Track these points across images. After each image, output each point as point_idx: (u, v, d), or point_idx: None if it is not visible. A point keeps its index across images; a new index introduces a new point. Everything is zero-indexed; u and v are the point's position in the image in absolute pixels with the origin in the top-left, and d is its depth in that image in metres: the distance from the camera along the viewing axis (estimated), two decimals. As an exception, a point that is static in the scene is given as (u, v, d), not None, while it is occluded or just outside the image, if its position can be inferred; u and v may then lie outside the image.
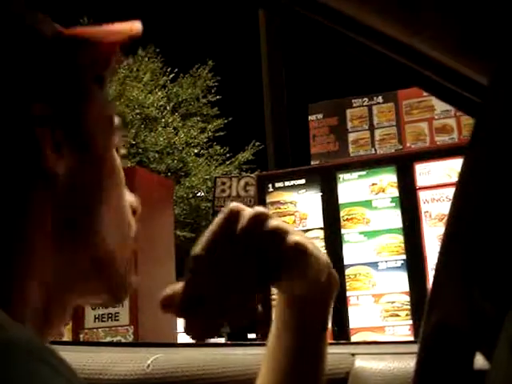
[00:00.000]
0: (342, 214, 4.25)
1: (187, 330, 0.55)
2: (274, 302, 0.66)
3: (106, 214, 0.56)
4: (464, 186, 0.47)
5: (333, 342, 3.93)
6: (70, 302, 0.56)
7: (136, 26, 0.57)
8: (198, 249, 0.55)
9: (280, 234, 0.56)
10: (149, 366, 0.97)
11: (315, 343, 0.66)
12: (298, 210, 4.41)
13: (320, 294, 0.63)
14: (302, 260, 0.57)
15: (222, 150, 16.62)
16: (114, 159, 0.58)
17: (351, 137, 5.90)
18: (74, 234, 0.54)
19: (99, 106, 0.57)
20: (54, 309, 0.54)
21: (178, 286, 0.55)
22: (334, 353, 0.94)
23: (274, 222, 0.56)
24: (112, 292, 0.59)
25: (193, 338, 0.56)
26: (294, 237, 0.57)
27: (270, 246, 0.55)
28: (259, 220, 0.55)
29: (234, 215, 0.56)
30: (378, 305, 4.09)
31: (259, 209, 0.56)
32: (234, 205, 0.57)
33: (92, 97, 0.56)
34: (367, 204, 4.23)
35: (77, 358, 0.99)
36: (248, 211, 0.56)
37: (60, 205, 0.52)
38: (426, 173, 4.08)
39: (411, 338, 3.78)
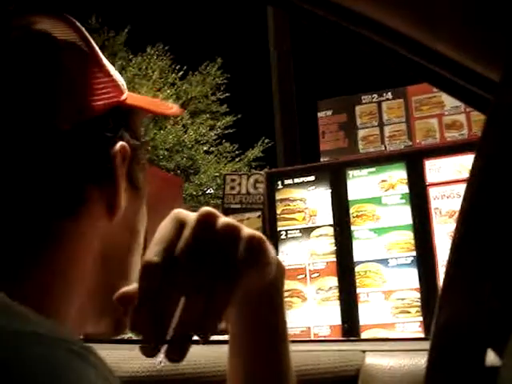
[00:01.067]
0: (351, 210, 4.25)
1: (142, 345, 0.51)
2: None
3: (135, 251, 0.61)
4: (475, 183, 0.47)
5: (343, 338, 3.93)
6: (85, 324, 0.58)
7: (177, 109, 0.66)
8: (151, 255, 0.50)
9: (233, 230, 0.54)
10: (160, 362, 0.97)
11: (274, 341, 0.65)
12: (307, 207, 4.40)
13: (270, 286, 0.62)
14: (260, 254, 0.56)
15: (231, 148, 16.63)
16: (145, 206, 0.63)
17: (360, 133, 5.88)
18: (112, 264, 0.58)
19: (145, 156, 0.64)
20: (77, 326, 0.56)
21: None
22: (345, 350, 0.94)
23: (223, 220, 0.54)
24: (119, 322, 0.61)
25: (145, 354, 0.51)
26: (248, 231, 0.55)
27: (225, 245, 0.52)
28: (208, 221, 0.53)
29: (181, 221, 0.53)
30: (388, 302, 4.08)
31: (206, 209, 0.54)
32: (178, 211, 0.54)
33: (143, 147, 0.63)
34: (377, 201, 4.22)
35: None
36: (193, 215, 0.54)
37: (110, 235, 0.56)
38: (436, 169, 4.06)
39: (421, 335, 3.77)
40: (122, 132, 0.58)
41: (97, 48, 0.59)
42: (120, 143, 0.56)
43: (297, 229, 4.39)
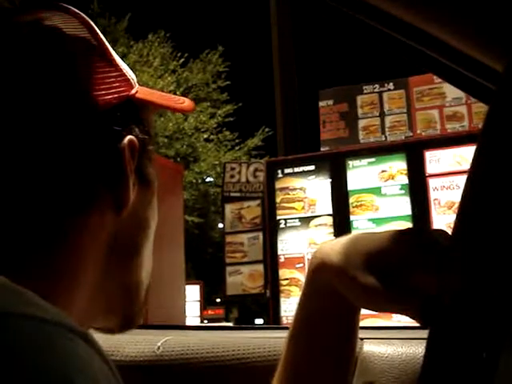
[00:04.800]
0: (351, 200, 4.25)
1: None
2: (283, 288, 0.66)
3: (145, 247, 0.61)
4: (476, 174, 0.47)
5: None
6: (93, 319, 0.58)
7: (191, 104, 0.65)
8: None
9: None
10: (159, 347, 0.98)
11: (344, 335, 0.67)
12: (307, 196, 4.41)
13: None
14: None
15: (231, 136, 16.63)
16: (156, 201, 0.63)
17: (361, 123, 5.88)
18: (121, 259, 0.58)
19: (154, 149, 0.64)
20: (83, 321, 0.55)
21: None
22: (343, 337, 0.94)
23: None
24: (128, 317, 0.61)
25: None
26: None
27: None
28: None
29: None
30: (386, 292, 4.09)
31: None
32: None
33: (152, 142, 0.62)
34: (376, 191, 4.22)
35: (88, 339, 1.00)
36: None
37: (118, 230, 0.56)
38: (436, 160, 4.06)
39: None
40: (131, 126, 0.57)
41: (106, 42, 0.59)
42: (128, 137, 0.56)
43: (296, 218, 4.39)
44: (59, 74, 0.52)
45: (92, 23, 0.58)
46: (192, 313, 10.45)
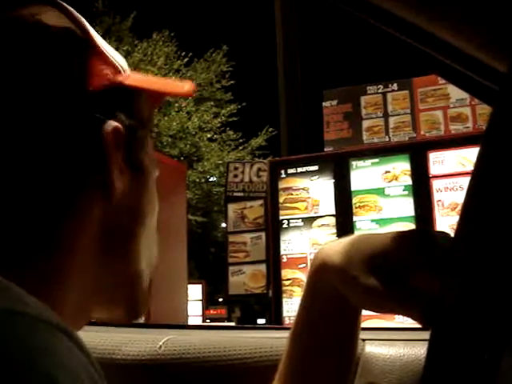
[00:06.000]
0: (354, 201, 4.25)
1: None
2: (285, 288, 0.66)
3: (143, 235, 0.60)
4: (479, 176, 0.47)
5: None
6: (91, 311, 0.58)
7: (190, 88, 0.63)
8: None
9: None
10: (161, 346, 0.98)
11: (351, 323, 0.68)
12: (310, 197, 4.40)
13: None
14: None
15: (235, 135, 16.64)
16: (155, 189, 0.63)
17: (365, 124, 5.88)
18: (116, 248, 0.57)
19: (151, 139, 0.63)
20: (79, 313, 0.55)
21: None
22: (345, 338, 0.94)
23: None
24: (132, 307, 0.61)
25: None
26: None
27: None
28: None
29: None
30: (389, 293, 4.08)
31: None
32: None
33: (149, 128, 0.62)
34: (380, 192, 4.21)
35: (89, 337, 1.00)
36: None
37: (110, 218, 0.55)
38: (440, 161, 4.05)
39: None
40: (117, 113, 0.56)
41: (92, 31, 0.58)
42: (112, 124, 0.54)
43: (299, 218, 4.39)
44: (42, 64, 0.52)
45: (76, 13, 0.58)
46: (194, 312, 10.45)
